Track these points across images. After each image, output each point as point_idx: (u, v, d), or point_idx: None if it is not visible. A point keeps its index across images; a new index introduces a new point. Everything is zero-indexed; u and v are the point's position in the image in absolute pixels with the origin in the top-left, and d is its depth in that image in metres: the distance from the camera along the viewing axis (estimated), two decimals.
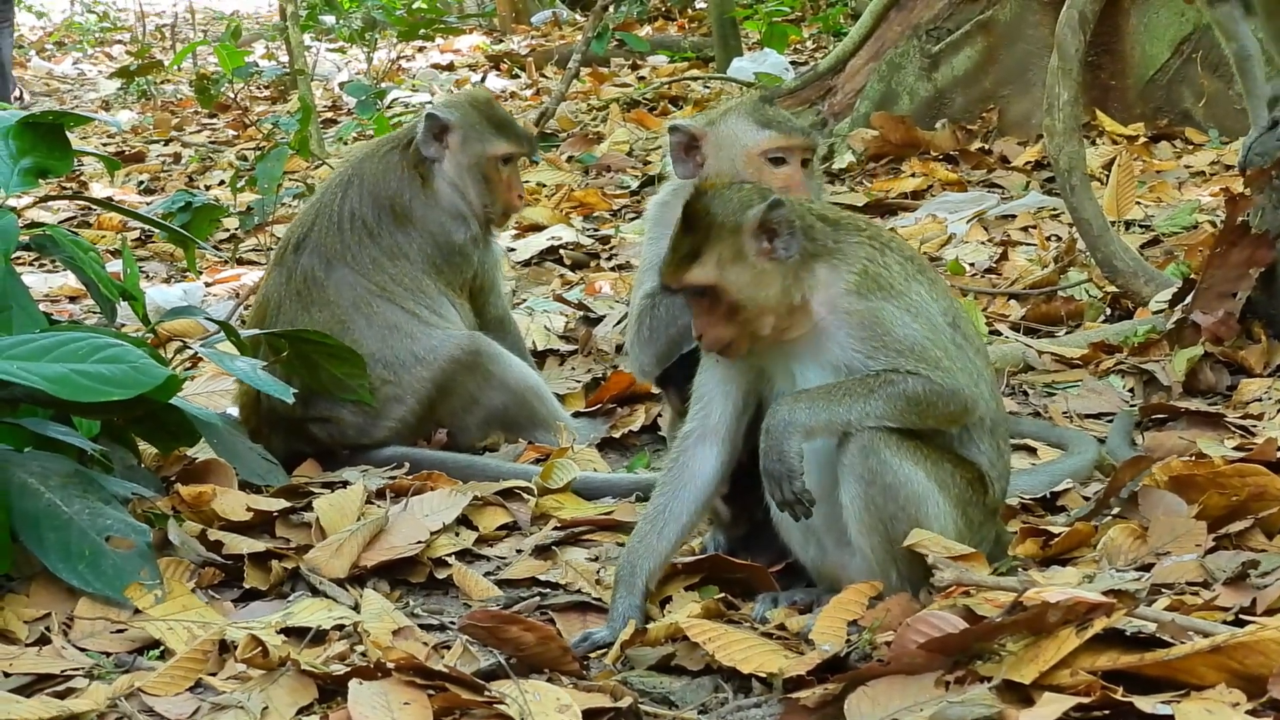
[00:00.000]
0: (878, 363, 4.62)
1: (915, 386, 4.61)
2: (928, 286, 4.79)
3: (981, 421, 4.79)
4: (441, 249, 6.86)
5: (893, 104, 12.59)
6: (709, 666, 4.49)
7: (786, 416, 4.59)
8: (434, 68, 21.02)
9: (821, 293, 4.69)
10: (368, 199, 6.86)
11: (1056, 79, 8.29)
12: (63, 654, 4.76)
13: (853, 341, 4.66)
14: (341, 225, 6.82)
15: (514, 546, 5.69)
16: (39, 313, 5.63)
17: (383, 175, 6.90)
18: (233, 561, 5.40)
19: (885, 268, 4.72)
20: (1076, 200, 8.14)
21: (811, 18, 20.24)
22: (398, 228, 6.84)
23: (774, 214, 4.66)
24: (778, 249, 4.67)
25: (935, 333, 4.70)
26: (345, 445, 6.68)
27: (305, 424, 6.59)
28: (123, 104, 19.95)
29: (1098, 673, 3.82)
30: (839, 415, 4.59)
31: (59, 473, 5.19)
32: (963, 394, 4.68)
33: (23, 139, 6.00)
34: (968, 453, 4.78)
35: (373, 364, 6.60)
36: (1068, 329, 8.00)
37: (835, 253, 4.73)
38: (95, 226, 12.11)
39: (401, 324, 6.73)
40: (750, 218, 4.67)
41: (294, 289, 6.80)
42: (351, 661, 4.57)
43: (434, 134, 6.88)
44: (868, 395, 4.58)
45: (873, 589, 4.67)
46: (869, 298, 4.67)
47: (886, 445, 4.60)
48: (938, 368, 4.63)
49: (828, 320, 4.69)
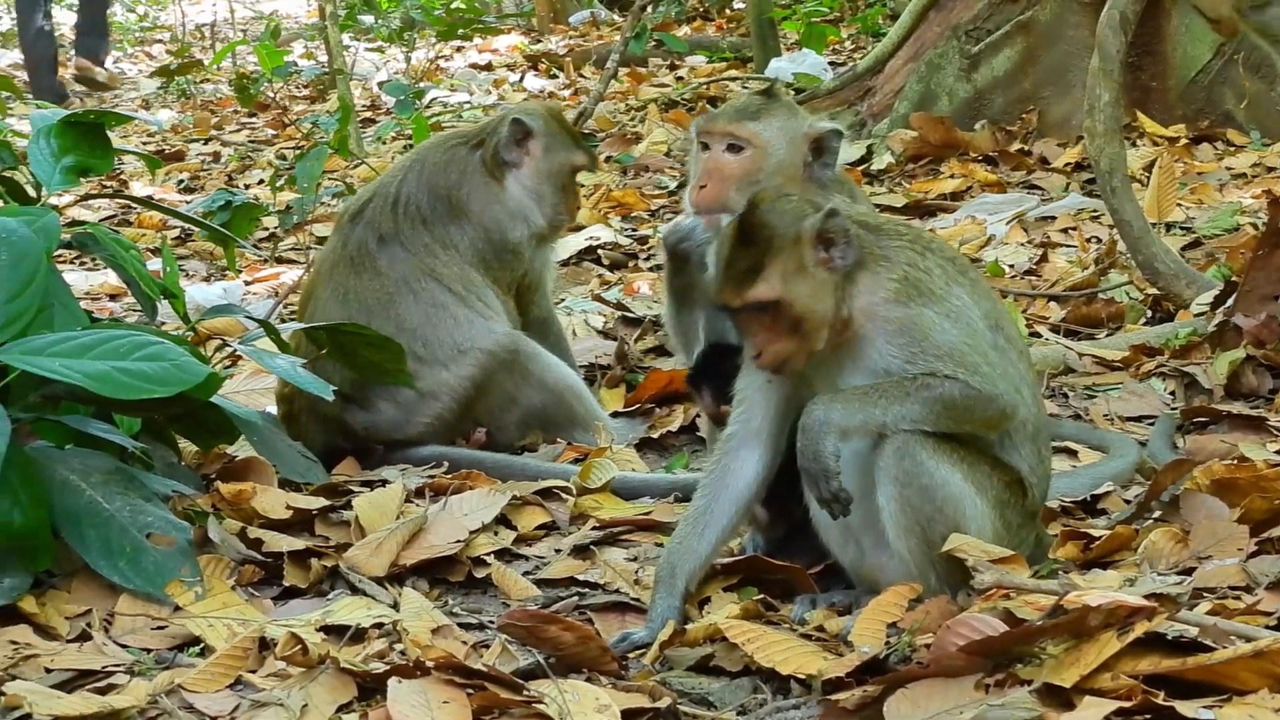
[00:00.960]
0: (916, 367, 4.62)
1: (952, 391, 4.59)
2: (969, 289, 4.77)
3: (1023, 425, 4.78)
4: (494, 245, 6.89)
5: (932, 105, 12.56)
6: (748, 667, 4.48)
7: (822, 416, 4.58)
8: (472, 67, 21.03)
9: (862, 299, 4.68)
10: (424, 187, 6.91)
11: (1097, 80, 8.26)
12: (104, 650, 4.78)
13: (891, 348, 4.65)
14: (395, 207, 6.88)
15: (552, 546, 5.69)
16: (80, 310, 5.65)
17: (444, 166, 6.96)
18: (272, 559, 5.41)
19: (926, 272, 4.71)
20: (1117, 202, 8.11)
21: (850, 18, 20.19)
22: (450, 219, 6.88)
23: (831, 222, 4.64)
24: (835, 258, 4.66)
25: (975, 337, 4.69)
26: (381, 440, 6.69)
27: (343, 418, 6.59)
28: (163, 103, 20.01)
29: (1139, 677, 3.81)
30: (874, 416, 4.58)
31: (100, 470, 5.21)
32: (1000, 400, 4.66)
33: (65, 138, 6.04)
34: (1008, 456, 4.77)
35: (413, 339, 6.64)
36: (1108, 331, 7.97)
37: (878, 259, 4.72)
38: (136, 225, 12.15)
39: (447, 304, 6.76)
40: (809, 227, 4.65)
41: (348, 254, 6.87)
42: (391, 660, 4.58)
43: (516, 139, 6.92)
44: (904, 398, 4.58)
45: (912, 591, 4.65)
46: (908, 304, 4.66)
47: (923, 447, 4.59)
48: (976, 373, 4.62)
49: (866, 327, 4.68)
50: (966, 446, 4.68)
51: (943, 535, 4.59)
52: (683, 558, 4.92)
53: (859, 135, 12.98)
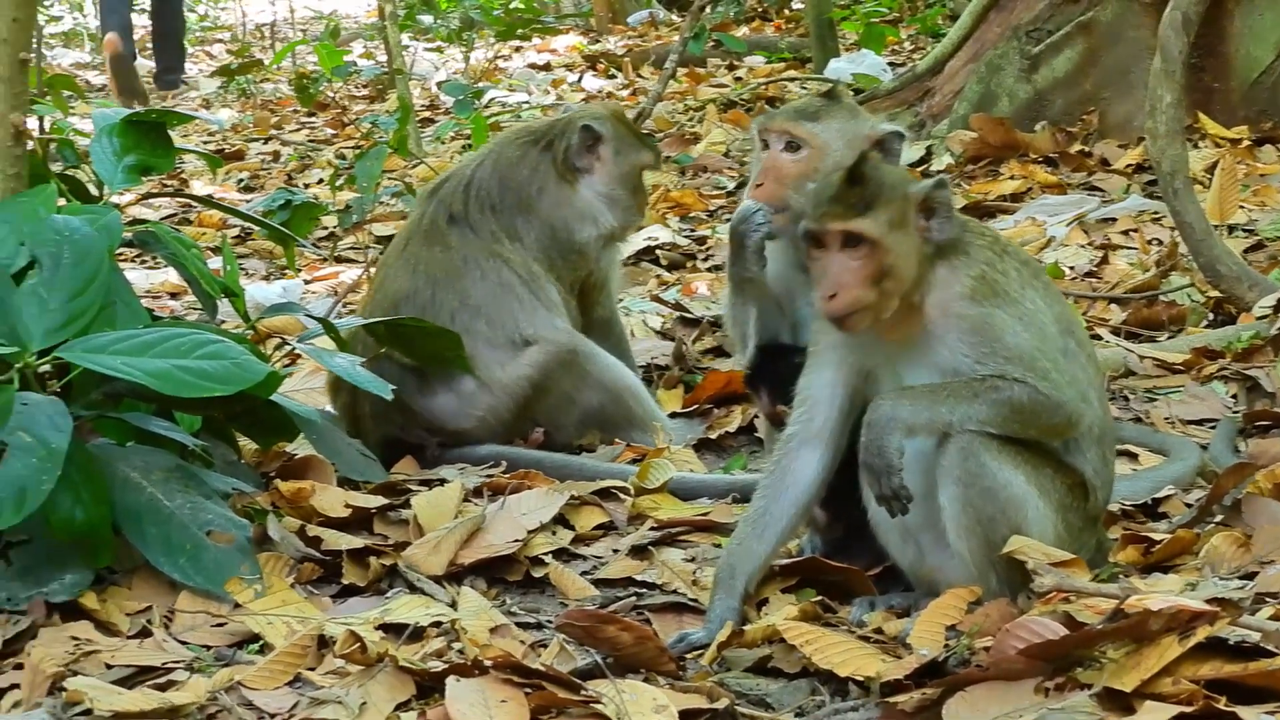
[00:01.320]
0: (985, 368, 4.60)
1: (1020, 394, 4.57)
2: (1042, 293, 4.76)
3: (1089, 429, 4.76)
4: (560, 244, 6.93)
5: (991, 106, 12.50)
6: (806, 669, 4.48)
7: (889, 412, 4.58)
8: (531, 67, 21.05)
9: (937, 293, 4.67)
10: (495, 178, 6.98)
11: (1159, 81, 8.22)
12: (163, 647, 4.81)
13: (963, 346, 4.63)
14: (468, 191, 6.96)
15: (610, 546, 5.69)
16: (142, 308, 5.68)
17: (515, 163, 7.02)
18: (331, 557, 5.43)
19: (1003, 274, 4.70)
20: (1179, 204, 8.06)
21: (909, 18, 20.14)
22: (518, 212, 6.94)
23: (939, 194, 4.67)
24: (933, 228, 4.67)
25: (1045, 342, 4.67)
26: (439, 429, 6.72)
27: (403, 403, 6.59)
28: (223, 102, 20.09)
29: (1200, 682, 3.80)
30: (941, 415, 4.57)
31: (161, 467, 5.24)
32: (1066, 407, 4.64)
33: (126, 137, 6.08)
34: (1072, 460, 4.75)
35: (476, 317, 6.71)
36: (1169, 334, 7.93)
37: (961, 251, 4.72)
38: (196, 224, 12.20)
39: (514, 285, 6.81)
40: (919, 190, 4.68)
41: (422, 227, 6.96)
42: (449, 659, 4.59)
43: (586, 145, 6.97)
44: (972, 398, 4.56)
45: (971, 593, 4.64)
46: (983, 303, 4.64)
47: (986, 449, 4.57)
48: (1045, 378, 4.60)
49: (939, 323, 4.67)
50: (1030, 449, 4.65)
51: (1004, 537, 4.56)
52: (742, 559, 4.91)
53: (918, 136, 12.93)
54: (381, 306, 6.79)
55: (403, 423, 6.61)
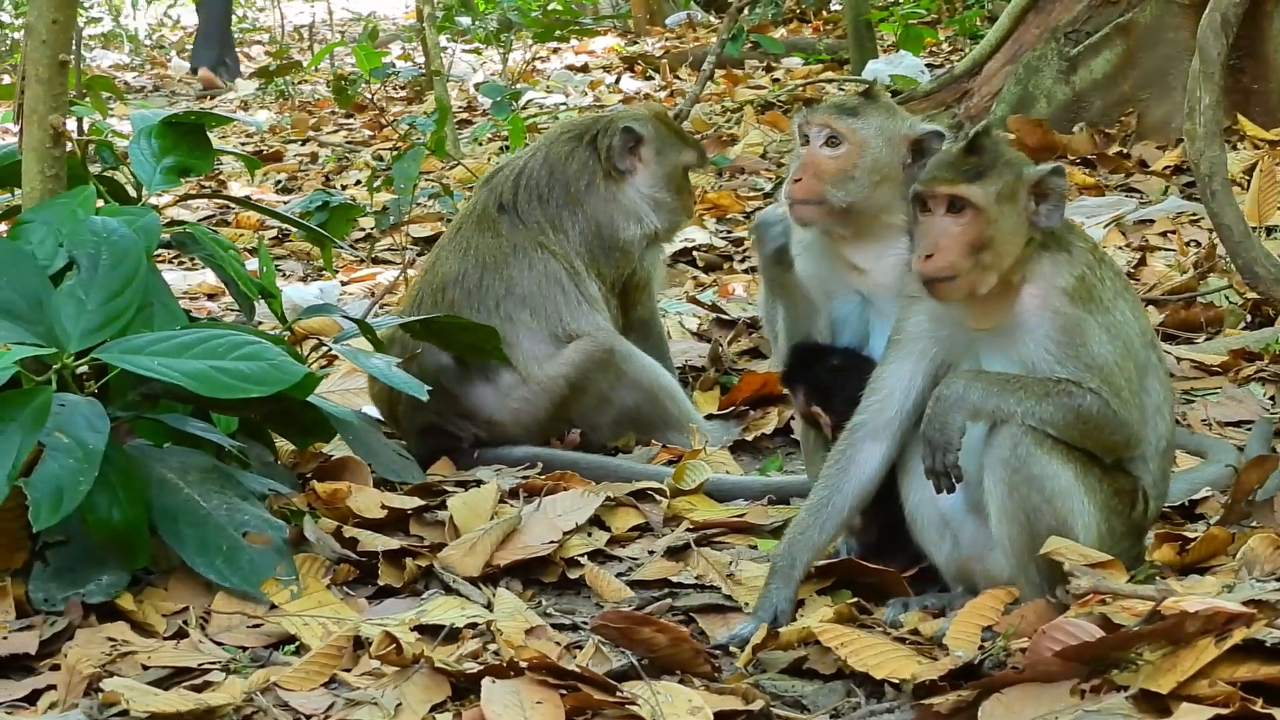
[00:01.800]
0: (1064, 370, 4.61)
1: (1091, 405, 4.57)
2: (1130, 306, 4.78)
3: (1158, 442, 4.79)
4: (604, 241, 6.96)
5: (1030, 107, 12.47)
6: (841, 671, 4.47)
7: (960, 391, 4.61)
8: (569, 69, 21.08)
9: (1038, 283, 4.68)
10: (545, 170, 7.03)
11: (1198, 83, 8.18)
12: (200, 648, 4.83)
13: (1049, 342, 4.64)
14: (518, 180, 7.02)
15: (646, 547, 5.69)
16: (179, 309, 5.71)
17: (564, 159, 7.05)
18: (367, 558, 5.44)
19: (1101, 280, 4.71)
20: (1217, 205, 8.03)
21: (947, 20, 20.11)
22: (565, 205, 6.98)
23: (1054, 179, 4.69)
24: (1041, 213, 4.68)
25: (1126, 359, 4.68)
26: (476, 422, 6.75)
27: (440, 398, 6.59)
28: (261, 104, 20.17)
29: (1237, 683, 3.78)
30: (1008, 406, 4.58)
31: (197, 468, 5.26)
32: (1130, 428, 4.65)
33: (165, 139, 6.11)
34: (1133, 469, 4.75)
35: (521, 306, 6.75)
36: (1207, 335, 7.90)
37: (1066, 249, 4.72)
38: (234, 225, 12.24)
39: (560, 277, 6.85)
40: (1034, 172, 4.70)
41: (475, 213, 7.03)
42: (484, 660, 4.59)
43: (628, 147, 6.99)
44: (1043, 397, 4.57)
45: (1009, 594, 4.64)
46: (1080, 305, 4.65)
47: (1038, 441, 4.58)
48: (1118, 395, 4.61)
49: (1033, 314, 4.67)
50: (1082, 449, 4.65)
51: (1048, 527, 4.56)
52: (803, 549, 4.93)
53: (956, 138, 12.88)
54: (431, 287, 6.86)
55: (440, 409, 6.60)
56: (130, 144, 6.13)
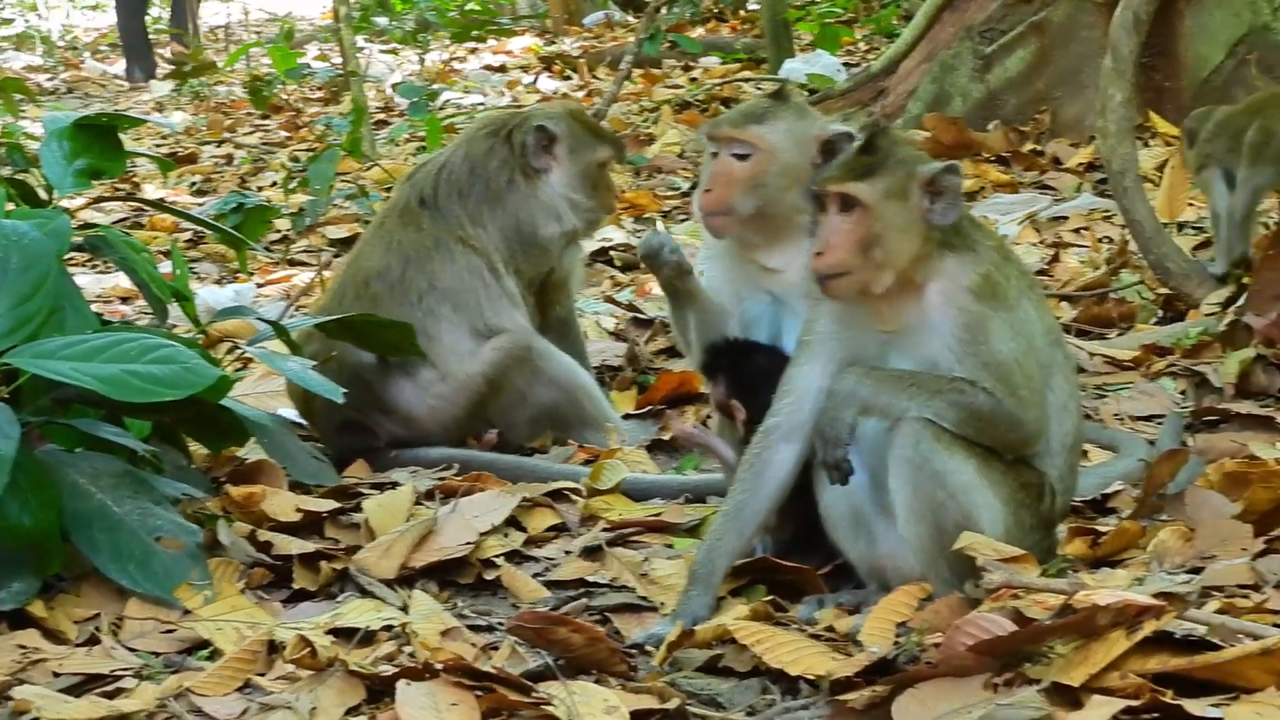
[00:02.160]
0: (963, 368, 4.62)
1: (983, 404, 4.59)
2: (1035, 304, 4.79)
3: (1064, 438, 4.81)
4: (523, 238, 6.95)
5: (945, 105, 12.55)
6: (757, 668, 4.48)
7: (850, 388, 4.64)
8: (486, 69, 21.05)
9: (942, 282, 4.68)
10: (465, 166, 7.02)
11: (1110, 80, 8.26)
12: (112, 654, 4.79)
13: (952, 340, 4.65)
14: (439, 175, 7.01)
15: (563, 548, 5.69)
16: (91, 313, 5.66)
17: (484, 155, 7.04)
18: (282, 562, 5.42)
19: (1006, 278, 4.72)
20: (1129, 202, 8.11)
21: (864, 19, 20.20)
22: (485, 200, 6.97)
23: (947, 177, 4.70)
24: (936, 210, 4.68)
25: (1028, 356, 4.69)
26: (393, 417, 6.75)
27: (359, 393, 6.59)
28: (176, 105, 20.05)
29: (1147, 675, 3.81)
30: (899, 403, 4.61)
31: (110, 473, 5.22)
32: (1026, 426, 4.67)
33: (77, 140, 6.05)
34: (1038, 462, 4.78)
35: (442, 300, 6.75)
36: (1119, 331, 7.97)
37: (970, 247, 4.73)
38: (148, 227, 12.16)
39: (481, 272, 6.85)
40: (927, 170, 4.70)
41: (397, 208, 7.04)
42: (400, 662, 4.58)
43: (542, 145, 6.97)
44: (934, 394, 4.58)
45: (922, 590, 4.66)
46: (984, 302, 4.66)
47: (938, 436, 4.59)
48: (1014, 394, 4.62)
49: (938, 311, 4.68)
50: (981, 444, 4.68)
51: (954, 523, 4.58)
52: (722, 555, 4.92)
53: None
54: (354, 281, 6.86)
55: (358, 405, 6.58)
56: (41, 146, 6.08)
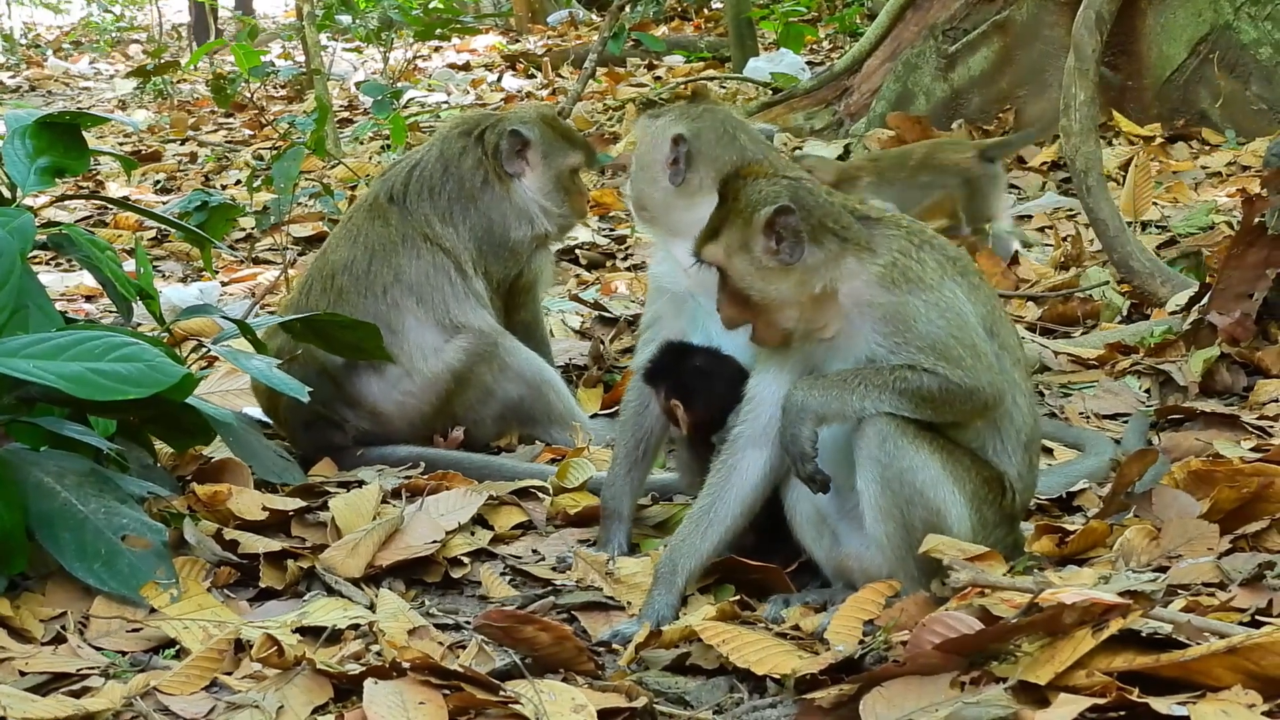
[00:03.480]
0: (898, 357, 4.63)
1: (930, 384, 4.60)
2: (966, 289, 4.78)
3: (1017, 432, 4.81)
4: (494, 238, 6.96)
5: (909, 104, 12.58)
6: (723, 667, 4.49)
7: (800, 400, 4.64)
8: (450, 67, 21.04)
9: (848, 284, 4.70)
10: (439, 164, 7.05)
11: (1073, 79, 8.29)
12: (78, 653, 4.77)
13: (877, 335, 4.67)
14: (410, 172, 7.04)
15: (529, 546, 5.69)
16: (55, 311, 5.63)
17: (458, 156, 7.07)
18: (248, 561, 5.41)
19: (919, 262, 4.72)
20: (1093, 201, 8.14)
21: (828, 18, 20.22)
22: (457, 199, 7.00)
23: (781, 219, 4.69)
24: (783, 251, 4.69)
25: (963, 330, 4.68)
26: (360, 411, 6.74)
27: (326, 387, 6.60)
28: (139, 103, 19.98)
29: (1114, 674, 3.82)
30: (850, 404, 4.62)
31: (75, 472, 5.19)
32: (982, 392, 4.67)
33: (39, 138, 6.03)
34: (997, 458, 4.79)
35: (408, 294, 6.77)
36: (1084, 329, 7.99)
37: (866, 246, 4.73)
38: (112, 226, 12.13)
39: (447, 269, 6.87)
40: (760, 218, 4.71)
41: (367, 203, 7.07)
42: (367, 661, 4.57)
43: (515, 150, 6.98)
44: (881, 389, 4.60)
45: (889, 588, 4.67)
46: (894, 290, 4.67)
47: (903, 433, 4.61)
48: (958, 366, 4.63)
49: (854, 313, 4.70)
50: (947, 439, 4.70)
51: (922, 520, 4.60)
52: (685, 555, 4.93)
53: (836, 134, 13.00)
54: (321, 274, 6.88)
55: (325, 400, 6.58)
56: (4, 144, 6.05)
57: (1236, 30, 11.54)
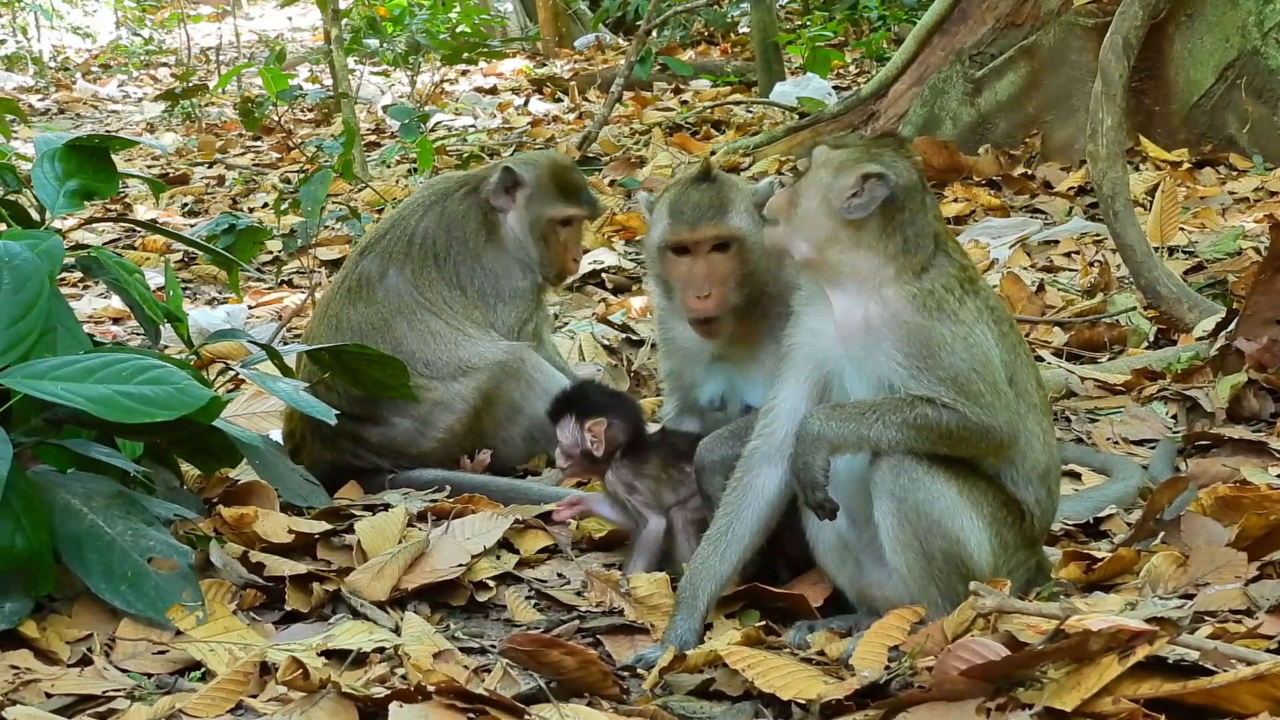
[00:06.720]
0: (918, 385, 4.61)
1: (948, 421, 4.59)
2: (995, 335, 4.75)
3: (1032, 469, 4.79)
4: (503, 289, 6.94)
5: (935, 129, 12.58)
6: (748, 692, 4.48)
7: (816, 430, 4.63)
8: (477, 91, 21.08)
9: (883, 291, 4.71)
10: (444, 227, 6.98)
11: (1100, 104, 8.29)
12: (104, 675, 4.77)
13: (899, 356, 4.65)
14: (412, 240, 6.96)
15: (555, 570, 5.69)
16: (83, 334, 5.65)
17: (463, 215, 7.02)
18: (274, 583, 5.41)
19: (959, 300, 4.71)
20: (1120, 226, 8.13)
21: (855, 42, 20.23)
22: (462, 261, 6.94)
23: (876, 182, 4.74)
24: (855, 208, 4.71)
25: (985, 368, 4.67)
26: (397, 454, 6.71)
27: (357, 433, 6.61)
28: (167, 127, 20.04)
29: (1140, 700, 3.81)
30: (866, 437, 4.61)
31: (102, 494, 5.20)
32: (998, 432, 4.66)
33: (69, 161, 6.05)
34: (1015, 490, 4.78)
35: (413, 361, 6.66)
36: (1110, 355, 7.98)
37: (921, 266, 4.73)
38: (139, 248, 12.17)
39: (444, 333, 6.81)
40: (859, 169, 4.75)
41: (346, 286, 6.93)
42: (392, 684, 4.56)
43: (505, 187, 6.97)
44: (899, 424, 4.58)
45: (914, 614, 4.65)
46: (925, 314, 4.66)
47: (918, 463, 4.61)
48: (977, 403, 4.62)
49: (879, 325, 4.69)
50: (963, 464, 4.69)
51: (941, 549, 4.60)
52: (705, 579, 4.92)
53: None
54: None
55: (354, 449, 6.62)
56: (34, 167, 6.07)
57: (1264, 55, 11.53)
